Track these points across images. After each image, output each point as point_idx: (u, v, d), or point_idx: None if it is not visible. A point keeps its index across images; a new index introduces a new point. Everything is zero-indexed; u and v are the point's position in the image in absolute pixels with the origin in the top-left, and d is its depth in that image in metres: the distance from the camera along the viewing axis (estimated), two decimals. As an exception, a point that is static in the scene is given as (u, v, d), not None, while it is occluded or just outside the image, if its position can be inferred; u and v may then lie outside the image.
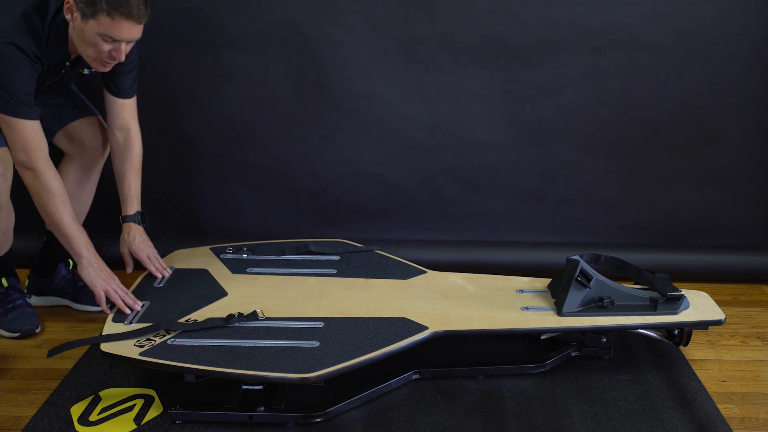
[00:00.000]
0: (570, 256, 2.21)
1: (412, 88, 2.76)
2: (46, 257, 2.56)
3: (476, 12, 2.65)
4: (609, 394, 2.11)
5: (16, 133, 2.09)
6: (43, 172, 2.13)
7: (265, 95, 2.77)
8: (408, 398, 2.09)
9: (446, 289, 2.33)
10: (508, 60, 2.71)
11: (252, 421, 1.96)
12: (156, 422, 1.98)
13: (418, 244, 2.87)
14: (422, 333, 2.05)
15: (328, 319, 2.12)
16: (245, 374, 1.89)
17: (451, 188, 2.89)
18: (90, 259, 2.22)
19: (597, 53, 2.69)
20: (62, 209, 2.17)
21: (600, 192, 2.87)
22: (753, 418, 2.05)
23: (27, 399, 2.10)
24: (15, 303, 2.40)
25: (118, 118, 2.36)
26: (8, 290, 2.42)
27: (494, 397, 2.09)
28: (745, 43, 2.66)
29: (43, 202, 2.16)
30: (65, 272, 2.57)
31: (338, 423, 1.97)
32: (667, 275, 2.29)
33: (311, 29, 2.68)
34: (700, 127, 2.78)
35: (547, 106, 2.77)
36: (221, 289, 2.31)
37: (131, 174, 2.39)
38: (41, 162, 2.12)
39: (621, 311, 2.16)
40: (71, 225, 2.20)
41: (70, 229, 2.20)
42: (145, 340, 2.01)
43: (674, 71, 2.70)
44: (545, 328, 2.14)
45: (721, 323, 2.19)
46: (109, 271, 2.25)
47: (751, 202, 2.87)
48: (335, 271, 2.44)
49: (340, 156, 2.85)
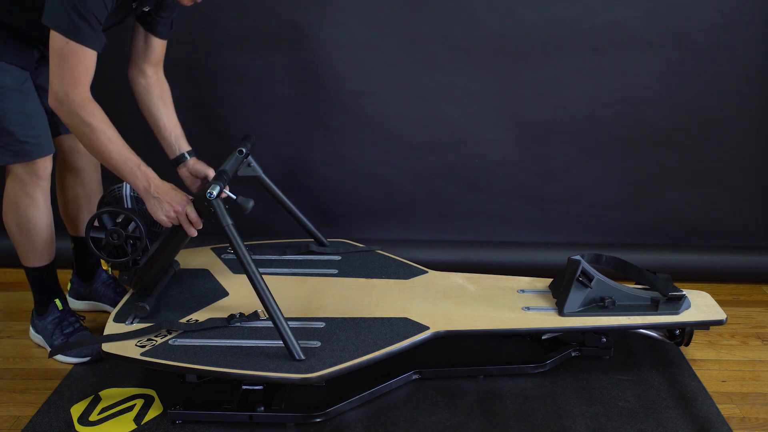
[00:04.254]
0: (571, 256, 2.21)
1: (412, 88, 2.76)
2: (83, 262, 2.52)
3: (476, 12, 2.65)
4: (609, 394, 2.11)
5: (65, 60, 1.86)
6: (79, 106, 1.89)
7: (265, 95, 2.77)
8: (408, 398, 2.09)
9: (447, 289, 2.33)
10: (508, 60, 2.71)
11: (252, 421, 1.96)
12: (156, 422, 1.98)
13: (418, 244, 2.87)
14: (423, 333, 2.05)
15: (330, 319, 2.12)
16: (247, 374, 1.89)
17: (451, 188, 2.89)
18: (145, 187, 1.99)
19: (597, 53, 2.69)
20: (107, 141, 1.93)
21: (600, 192, 2.87)
22: (753, 418, 2.05)
23: (27, 399, 2.10)
24: (74, 326, 2.32)
25: (153, 55, 2.21)
26: (65, 313, 2.33)
27: (494, 397, 2.09)
28: (745, 43, 2.66)
29: (84, 137, 1.94)
30: (105, 277, 2.54)
31: (338, 423, 1.97)
32: (668, 275, 2.29)
33: (311, 29, 2.68)
34: (700, 127, 2.78)
35: (547, 106, 2.77)
36: (222, 289, 2.31)
37: (172, 112, 2.26)
38: (78, 97, 1.89)
39: (622, 311, 2.16)
40: (117, 150, 1.95)
41: (116, 156, 1.95)
42: (146, 340, 2.01)
43: (674, 71, 2.70)
44: (546, 328, 2.14)
45: (722, 323, 2.19)
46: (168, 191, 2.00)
47: (751, 202, 2.87)
48: (336, 271, 2.44)
49: (340, 156, 2.85)
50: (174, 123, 2.27)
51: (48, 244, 2.25)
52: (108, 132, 1.93)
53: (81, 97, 1.90)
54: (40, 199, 2.17)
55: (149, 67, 2.23)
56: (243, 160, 2.24)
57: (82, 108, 1.90)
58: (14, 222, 2.19)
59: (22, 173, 2.13)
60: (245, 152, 2.22)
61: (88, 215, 2.39)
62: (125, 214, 2.14)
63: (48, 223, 2.22)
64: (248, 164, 2.30)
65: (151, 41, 2.20)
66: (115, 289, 2.54)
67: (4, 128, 2.06)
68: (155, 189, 1.99)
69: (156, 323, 2.08)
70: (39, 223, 2.19)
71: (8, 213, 2.19)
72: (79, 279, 2.55)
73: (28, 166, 2.12)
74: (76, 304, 2.56)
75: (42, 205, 2.18)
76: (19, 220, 2.18)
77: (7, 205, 2.18)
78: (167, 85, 2.28)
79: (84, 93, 1.91)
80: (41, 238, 2.22)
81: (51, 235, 2.25)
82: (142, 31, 2.19)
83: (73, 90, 1.88)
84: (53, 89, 1.89)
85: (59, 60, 1.87)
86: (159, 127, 2.25)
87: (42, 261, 2.26)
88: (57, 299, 2.32)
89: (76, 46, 1.86)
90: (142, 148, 2.08)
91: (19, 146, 2.08)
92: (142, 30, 2.19)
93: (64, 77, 1.88)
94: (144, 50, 2.21)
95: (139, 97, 2.25)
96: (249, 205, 2.04)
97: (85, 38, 1.86)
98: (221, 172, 2.07)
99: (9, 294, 2.72)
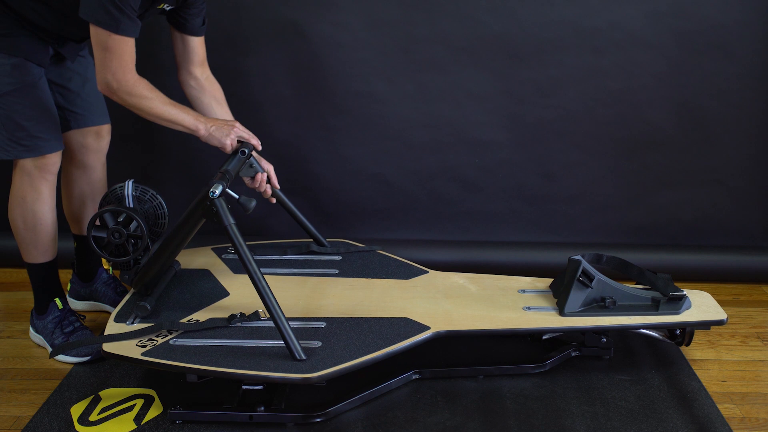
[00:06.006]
0: (572, 256, 2.21)
1: (412, 88, 2.76)
2: (83, 262, 2.52)
3: (476, 12, 2.65)
4: (609, 394, 2.11)
5: (109, 52, 1.96)
6: (130, 92, 2.01)
7: (265, 95, 2.77)
8: (408, 398, 2.09)
9: (448, 289, 2.33)
10: (508, 60, 2.71)
11: (252, 421, 1.96)
12: (156, 422, 1.98)
13: (418, 244, 2.87)
14: (424, 333, 2.05)
15: (330, 319, 2.12)
16: (248, 374, 1.89)
17: (451, 188, 2.89)
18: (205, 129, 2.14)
19: (597, 53, 2.69)
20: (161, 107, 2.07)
21: (600, 192, 2.87)
22: (753, 418, 2.05)
23: (27, 399, 2.10)
24: (74, 326, 2.32)
25: (196, 54, 2.29)
26: (65, 312, 2.33)
27: (494, 397, 2.09)
28: (745, 43, 2.67)
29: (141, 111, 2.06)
30: (106, 277, 2.54)
31: (338, 423, 1.97)
32: (669, 275, 2.29)
33: (311, 29, 2.68)
34: (700, 127, 2.78)
35: (547, 106, 2.77)
36: (223, 289, 2.30)
37: (226, 109, 2.36)
38: (129, 83, 2.01)
39: (623, 311, 2.16)
40: (172, 114, 2.09)
41: (173, 118, 2.09)
42: (147, 340, 2.01)
43: (674, 71, 2.71)
44: (547, 328, 2.14)
45: (723, 323, 2.19)
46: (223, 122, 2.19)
47: (751, 202, 2.87)
48: (337, 271, 2.44)
49: (340, 156, 2.85)
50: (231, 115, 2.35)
51: (52, 240, 2.26)
52: (161, 99, 2.06)
53: (131, 80, 2.00)
54: (47, 194, 2.19)
55: (195, 68, 2.30)
56: (245, 160, 2.25)
57: (134, 88, 2.01)
58: (21, 216, 2.20)
59: (31, 168, 2.14)
60: (247, 153, 2.23)
61: (92, 213, 2.39)
62: (127, 213, 2.14)
63: (53, 219, 2.24)
64: (250, 165, 2.31)
65: (188, 41, 2.25)
66: (115, 289, 2.54)
67: (18, 123, 2.08)
68: (212, 126, 2.14)
69: (157, 323, 2.08)
70: (44, 218, 2.21)
71: (15, 207, 2.20)
72: (79, 279, 2.55)
73: (37, 161, 2.14)
74: (76, 305, 2.55)
75: (48, 201, 2.20)
76: (26, 215, 2.19)
77: (15, 200, 2.19)
78: (218, 83, 2.35)
79: (133, 76, 2.01)
80: (46, 234, 2.23)
81: (55, 232, 2.26)
82: (178, 34, 2.25)
83: (123, 77, 1.99)
84: (104, 79, 1.99)
85: (104, 52, 1.96)
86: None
87: (45, 257, 2.27)
88: (57, 298, 2.32)
89: (118, 37, 1.95)
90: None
91: (32, 141, 2.11)
92: (177, 32, 2.24)
93: (112, 67, 1.97)
94: (184, 52, 2.27)
95: (192, 101, 2.33)
96: (251, 205, 2.04)
97: (126, 29, 1.95)
98: (224, 171, 2.07)
99: (9, 294, 2.72)
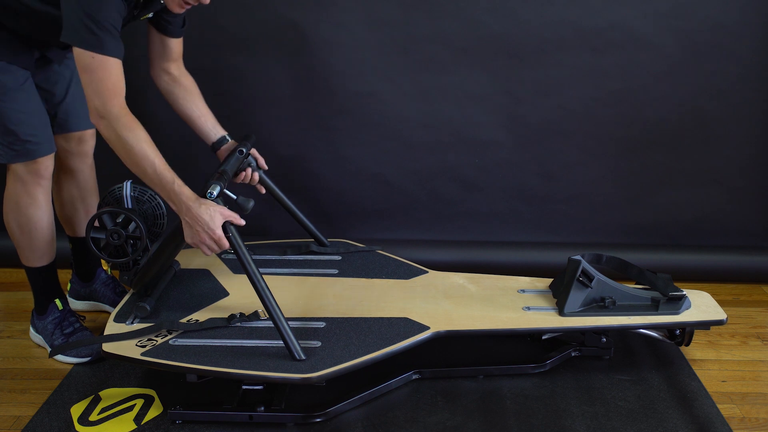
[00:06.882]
0: (571, 256, 2.21)
1: (412, 88, 2.76)
2: (82, 263, 2.51)
3: (476, 12, 2.65)
4: (609, 394, 2.11)
5: (95, 74, 1.86)
6: (117, 119, 1.89)
7: (265, 95, 2.77)
8: (408, 398, 2.09)
9: (448, 289, 2.33)
10: (508, 60, 2.71)
11: (252, 421, 1.96)
12: (156, 422, 1.98)
13: (418, 244, 2.87)
14: (424, 333, 2.05)
15: (330, 319, 2.12)
16: (247, 374, 1.89)
17: (451, 188, 2.89)
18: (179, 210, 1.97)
19: (597, 53, 2.69)
20: (143, 162, 1.91)
21: (600, 192, 2.87)
22: (753, 418, 2.05)
23: (27, 399, 2.10)
24: (74, 326, 2.31)
25: (172, 53, 2.24)
26: (65, 313, 2.32)
27: (494, 397, 2.09)
28: (745, 43, 2.66)
29: (120, 155, 1.93)
30: (105, 277, 2.54)
31: (338, 423, 1.97)
32: (669, 275, 2.29)
33: (311, 29, 2.68)
34: (700, 127, 2.78)
35: (547, 106, 2.77)
36: (223, 289, 2.30)
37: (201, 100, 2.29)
38: (116, 109, 1.89)
39: (623, 311, 2.16)
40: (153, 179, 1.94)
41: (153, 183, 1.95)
42: (146, 340, 2.01)
43: (674, 71, 2.70)
44: (547, 328, 2.14)
45: (722, 323, 2.19)
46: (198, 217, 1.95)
47: (751, 202, 2.87)
48: (337, 271, 2.44)
49: (340, 156, 2.85)
50: (206, 110, 2.31)
51: (49, 243, 2.24)
52: (143, 147, 1.91)
53: (118, 108, 1.90)
54: (42, 198, 2.17)
55: (170, 64, 2.26)
56: (243, 159, 2.25)
57: (118, 120, 1.89)
58: (15, 222, 2.19)
59: (24, 172, 2.13)
60: (245, 152, 2.23)
61: (84, 216, 2.38)
62: (125, 214, 2.14)
63: (49, 223, 2.22)
64: (248, 164, 2.31)
65: (167, 42, 2.23)
66: (115, 290, 2.54)
67: (7, 128, 2.06)
68: (187, 211, 1.96)
69: (156, 323, 2.08)
70: (40, 223, 2.19)
71: (9, 213, 2.18)
72: (78, 279, 2.55)
73: (29, 166, 2.12)
74: (76, 305, 2.55)
75: (43, 205, 2.18)
76: (20, 220, 2.18)
77: (8, 205, 2.18)
78: (191, 77, 2.31)
79: (121, 104, 1.91)
80: (42, 238, 2.22)
81: (52, 235, 2.25)
82: (157, 34, 2.22)
83: (110, 102, 1.88)
84: (92, 105, 1.89)
85: (89, 75, 1.87)
86: (192, 117, 2.28)
87: (43, 261, 2.26)
88: (57, 299, 2.32)
89: (102, 58, 1.86)
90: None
91: (22, 145, 2.09)
92: (157, 33, 2.21)
93: (99, 91, 1.88)
94: (162, 51, 2.24)
95: (166, 94, 2.28)
96: (249, 205, 2.04)
97: (108, 48, 1.86)
98: (222, 172, 2.07)
99: (9, 294, 2.72)
